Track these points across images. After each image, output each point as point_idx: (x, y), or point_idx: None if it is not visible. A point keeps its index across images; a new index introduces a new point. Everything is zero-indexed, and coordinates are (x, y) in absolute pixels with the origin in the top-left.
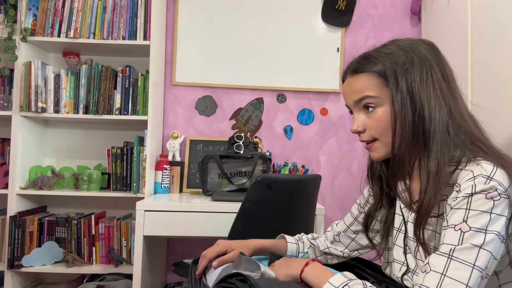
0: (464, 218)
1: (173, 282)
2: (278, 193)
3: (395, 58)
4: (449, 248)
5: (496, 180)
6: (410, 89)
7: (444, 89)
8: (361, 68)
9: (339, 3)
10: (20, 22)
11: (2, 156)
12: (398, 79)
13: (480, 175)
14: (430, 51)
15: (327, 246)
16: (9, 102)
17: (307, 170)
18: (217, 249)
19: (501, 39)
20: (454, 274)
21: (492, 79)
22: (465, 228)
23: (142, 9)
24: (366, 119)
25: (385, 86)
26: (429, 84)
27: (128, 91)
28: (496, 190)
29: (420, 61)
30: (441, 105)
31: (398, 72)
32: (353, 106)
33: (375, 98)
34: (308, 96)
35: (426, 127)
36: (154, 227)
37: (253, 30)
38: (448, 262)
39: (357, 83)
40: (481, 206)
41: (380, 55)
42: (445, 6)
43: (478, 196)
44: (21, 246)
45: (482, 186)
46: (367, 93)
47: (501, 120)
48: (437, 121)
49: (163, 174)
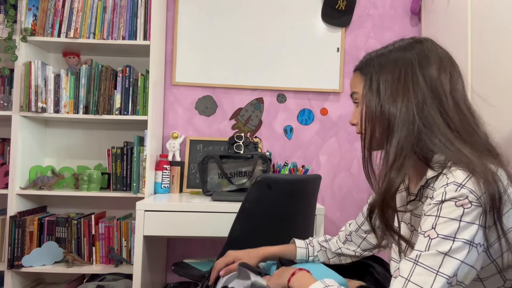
0: (433, 225)
1: (173, 282)
2: (278, 193)
3: (377, 59)
4: (416, 254)
5: (468, 188)
6: (379, 89)
7: (422, 89)
8: (357, 66)
9: (339, 3)
10: (20, 22)
11: (2, 156)
12: (372, 79)
13: (452, 183)
14: (418, 51)
15: (339, 247)
16: (9, 102)
17: (307, 170)
18: (225, 260)
19: (501, 39)
20: (418, 280)
21: (492, 78)
22: (433, 234)
23: (142, 9)
24: (357, 113)
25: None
26: (400, 83)
27: (128, 91)
28: (466, 198)
29: (396, 61)
30: (409, 103)
31: (374, 72)
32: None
33: (358, 94)
34: (308, 96)
35: (390, 123)
36: (154, 227)
37: (253, 30)
38: (414, 267)
39: (352, 79)
40: (450, 213)
41: (371, 55)
42: (445, 6)
43: (448, 203)
44: (21, 246)
45: (452, 194)
46: (354, 89)
47: (502, 119)
48: (401, 118)
49: (163, 174)
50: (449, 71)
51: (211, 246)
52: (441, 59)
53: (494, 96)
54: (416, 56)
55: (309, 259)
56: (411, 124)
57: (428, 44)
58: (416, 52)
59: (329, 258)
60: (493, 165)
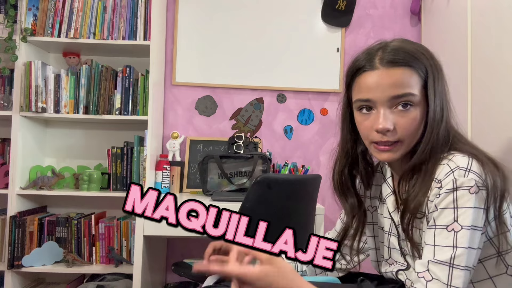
0: (454, 218)
1: (173, 282)
2: (278, 193)
3: (430, 60)
4: (449, 255)
5: (474, 172)
6: (442, 93)
7: (448, 91)
8: (401, 61)
9: (339, 3)
10: (20, 22)
11: (2, 156)
12: (435, 82)
13: (458, 168)
14: (431, 54)
15: None
16: (9, 102)
17: (307, 170)
18: (213, 244)
19: (501, 39)
20: (458, 282)
21: (492, 78)
22: (457, 227)
23: (142, 9)
24: (396, 118)
25: (423, 87)
26: (447, 90)
27: (128, 91)
28: (475, 183)
29: (441, 67)
30: (450, 109)
31: (435, 75)
32: (385, 101)
33: (416, 97)
34: (308, 96)
35: (450, 132)
36: (154, 227)
37: (253, 30)
38: (451, 271)
39: (400, 76)
40: (466, 202)
41: (418, 51)
42: (445, 6)
43: (461, 192)
44: (21, 246)
45: (462, 180)
46: (411, 90)
47: (501, 119)
48: (449, 125)
49: (163, 174)
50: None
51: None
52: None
53: (494, 96)
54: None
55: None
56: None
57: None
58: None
59: (316, 274)
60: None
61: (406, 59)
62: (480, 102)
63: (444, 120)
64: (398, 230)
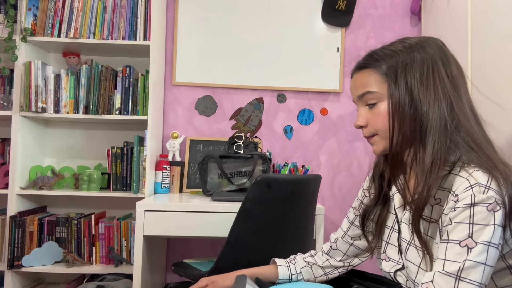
0: (469, 234)
1: (173, 282)
2: (278, 193)
3: (397, 56)
4: (456, 268)
5: (493, 189)
6: (409, 86)
7: (447, 87)
8: (365, 64)
9: (339, 3)
10: (20, 22)
11: (2, 156)
12: (397, 76)
13: (477, 184)
14: (436, 49)
15: (326, 259)
16: (9, 102)
17: (307, 170)
18: (198, 285)
19: (501, 39)
20: None
21: (492, 78)
22: (471, 244)
23: (142, 9)
24: (368, 114)
25: (386, 83)
26: (430, 81)
27: (128, 91)
28: (495, 201)
29: (422, 59)
30: (440, 102)
31: (398, 69)
32: (357, 101)
33: (376, 94)
34: (308, 96)
35: (424, 123)
36: (154, 227)
37: (253, 30)
38: (457, 284)
39: (360, 79)
40: (483, 219)
41: (384, 52)
42: (445, 6)
43: (479, 208)
44: (21, 246)
45: (481, 196)
46: (368, 89)
47: (502, 119)
48: (435, 118)
49: (163, 174)
50: (462, 70)
51: (211, 246)
52: (455, 57)
53: (495, 96)
54: (438, 53)
55: (292, 277)
56: (444, 125)
57: (441, 42)
58: (435, 49)
59: (315, 276)
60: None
61: (368, 61)
62: (480, 101)
63: (415, 110)
64: (400, 226)
